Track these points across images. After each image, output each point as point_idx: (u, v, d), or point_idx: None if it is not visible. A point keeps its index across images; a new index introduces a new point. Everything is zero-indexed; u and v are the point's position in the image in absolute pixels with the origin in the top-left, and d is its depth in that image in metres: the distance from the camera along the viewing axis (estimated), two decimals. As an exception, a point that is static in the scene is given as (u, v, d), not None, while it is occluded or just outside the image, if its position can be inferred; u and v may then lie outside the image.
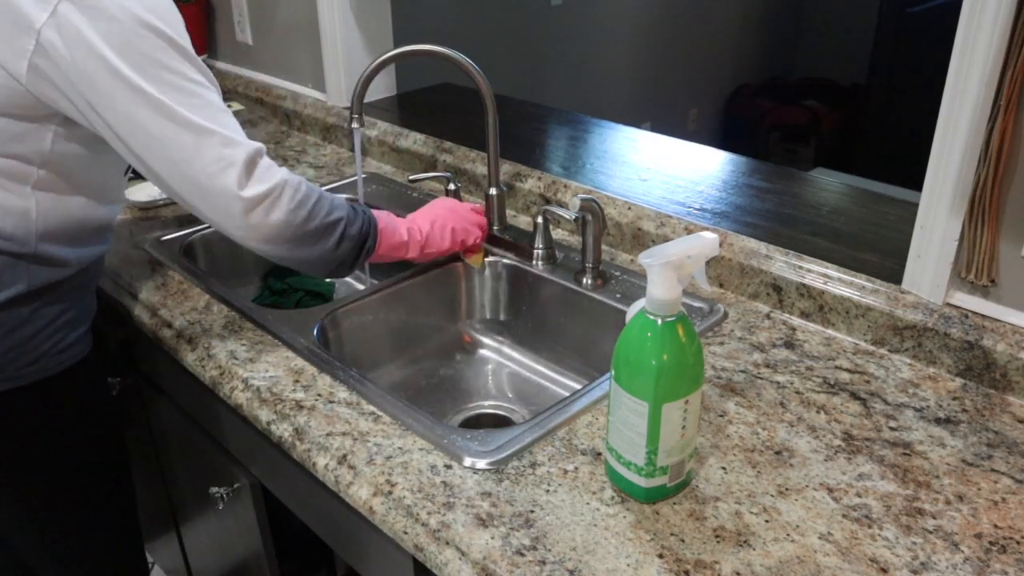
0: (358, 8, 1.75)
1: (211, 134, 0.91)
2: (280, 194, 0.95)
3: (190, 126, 0.90)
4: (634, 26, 3.77)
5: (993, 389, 0.96)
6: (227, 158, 0.91)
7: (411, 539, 0.80)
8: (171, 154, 0.91)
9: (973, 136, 0.91)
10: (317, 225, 0.99)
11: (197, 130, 0.90)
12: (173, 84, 0.89)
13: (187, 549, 1.59)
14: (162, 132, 0.90)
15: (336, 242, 1.01)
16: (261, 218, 0.94)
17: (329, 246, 1.01)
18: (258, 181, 0.94)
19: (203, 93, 0.92)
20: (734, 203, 1.29)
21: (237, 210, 0.93)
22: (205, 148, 0.91)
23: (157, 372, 1.31)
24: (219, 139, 0.91)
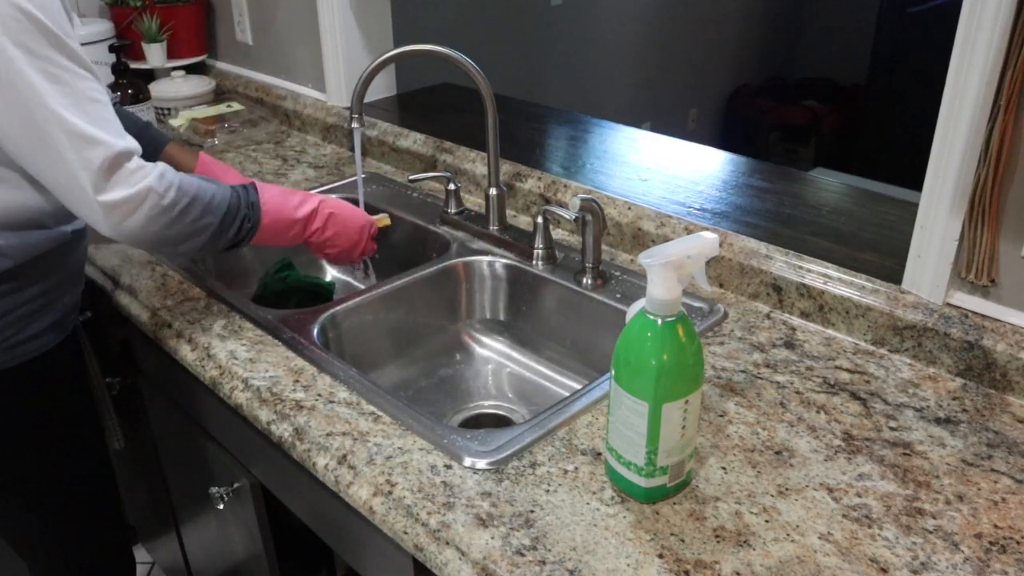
0: (358, 8, 1.75)
1: (72, 132, 0.87)
2: (142, 201, 0.92)
3: (53, 120, 0.86)
4: (634, 26, 3.77)
5: (993, 389, 0.96)
6: (85, 161, 0.88)
7: (411, 539, 0.80)
8: (33, 147, 0.88)
9: (973, 136, 0.91)
10: (181, 230, 0.98)
11: (59, 125, 0.87)
12: (44, 71, 0.86)
13: (187, 549, 1.59)
14: (23, 123, 0.86)
15: (205, 242, 1.01)
16: (118, 221, 0.92)
17: (198, 244, 1.01)
18: (117, 185, 0.91)
19: (72, 81, 0.88)
20: (734, 203, 1.29)
21: (95, 212, 0.91)
22: (65, 147, 0.87)
23: (157, 372, 1.31)
24: (80, 138, 0.88)
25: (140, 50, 1.96)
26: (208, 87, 2.00)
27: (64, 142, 0.87)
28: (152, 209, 0.94)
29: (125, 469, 1.70)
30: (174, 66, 1.98)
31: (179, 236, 0.98)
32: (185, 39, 2.02)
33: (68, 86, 0.87)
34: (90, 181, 0.89)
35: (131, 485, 1.73)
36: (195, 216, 0.98)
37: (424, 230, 1.41)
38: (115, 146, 0.90)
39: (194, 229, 0.99)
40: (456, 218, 1.38)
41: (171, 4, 1.96)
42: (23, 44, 0.85)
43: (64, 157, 0.88)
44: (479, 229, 1.34)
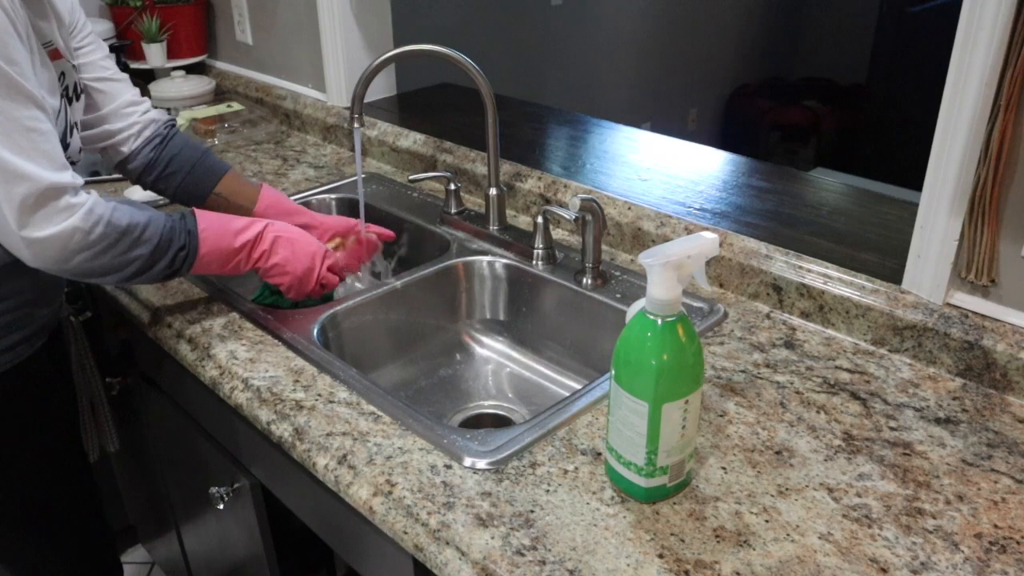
0: (358, 8, 1.75)
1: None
2: (67, 239, 0.91)
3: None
4: (634, 26, 3.78)
5: (993, 389, 0.96)
6: (8, 194, 0.87)
7: (411, 539, 0.80)
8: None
9: (973, 136, 0.91)
10: (106, 263, 0.96)
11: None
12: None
13: (187, 549, 1.59)
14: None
15: (133, 274, 0.99)
16: (39, 255, 0.91)
17: (125, 276, 0.99)
18: (42, 222, 0.89)
19: (6, 110, 0.86)
20: (734, 203, 1.29)
21: (17, 245, 0.90)
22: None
23: (157, 372, 1.31)
24: (4, 171, 0.86)
25: (140, 50, 1.96)
26: (208, 87, 2.00)
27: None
28: (77, 245, 0.92)
29: (125, 469, 1.71)
30: (174, 66, 1.98)
31: (104, 268, 0.96)
32: (185, 39, 2.02)
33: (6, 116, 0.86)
34: (12, 216, 0.88)
35: (131, 485, 1.73)
36: (122, 250, 0.97)
37: (424, 230, 1.41)
38: (42, 181, 0.88)
39: (121, 262, 0.97)
40: (456, 218, 1.38)
41: (171, 4, 1.96)
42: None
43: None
44: (479, 229, 1.34)
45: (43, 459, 1.15)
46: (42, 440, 1.15)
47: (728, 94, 4.45)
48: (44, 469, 1.16)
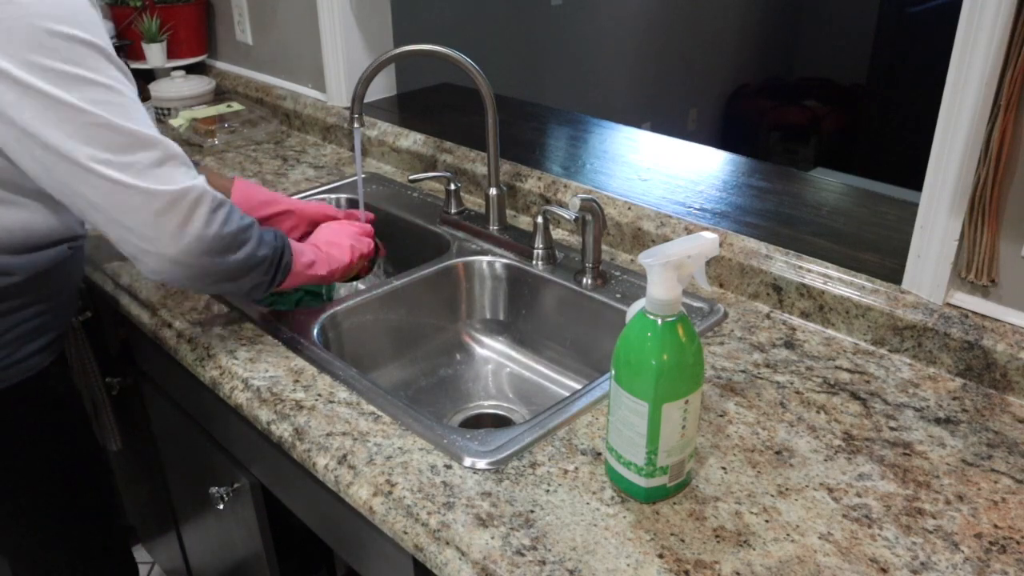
0: (358, 8, 1.75)
1: (126, 133, 0.86)
2: (200, 196, 0.90)
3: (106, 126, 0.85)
4: (634, 26, 3.78)
5: (993, 389, 0.96)
6: (143, 160, 0.86)
7: (411, 539, 0.80)
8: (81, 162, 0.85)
9: (973, 136, 0.91)
10: (237, 233, 0.94)
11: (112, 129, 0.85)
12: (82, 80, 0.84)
13: (187, 549, 1.59)
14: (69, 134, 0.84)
15: (253, 249, 0.96)
16: (172, 211, 0.88)
17: (246, 256, 0.95)
18: (176, 176, 0.88)
19: (120, 90, 0.87)
20: (734, 203, 1.29)
21: (149, 214, 0.87)
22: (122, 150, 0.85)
23: (157, 372, 1.32)
24: (135, 139, 0.86)
25: (140, 50, 1.96)
26: (208, 87, 2.00)
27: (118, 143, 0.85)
28: (206, 209, 0.90)
29: (125, 469, 1.71)
30: (174, 66, 1.98)
31: (222, 246, 0.92)
32: (185, 39, 2.02)
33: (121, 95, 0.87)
34: (148, 174, 0.86)
35: (131, 485, 1.73)
36: (236, 232, 0.94)
37: (424, 230, 1.41)
38: (171, 145, 0.89)
39: (237, 243, 0.94)
40: (456, 218, 1.38)
41: (171, 4, 1.96)
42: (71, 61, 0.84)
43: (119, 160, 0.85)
44: (479, 229, 1.34)
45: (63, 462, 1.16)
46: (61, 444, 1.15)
47: (728, 94, 4.45)
48: (64, 472, 1.16)
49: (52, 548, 1.19)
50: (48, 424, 1.12)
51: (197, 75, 2.03)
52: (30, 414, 1.08)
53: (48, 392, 1.10)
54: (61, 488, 1.16)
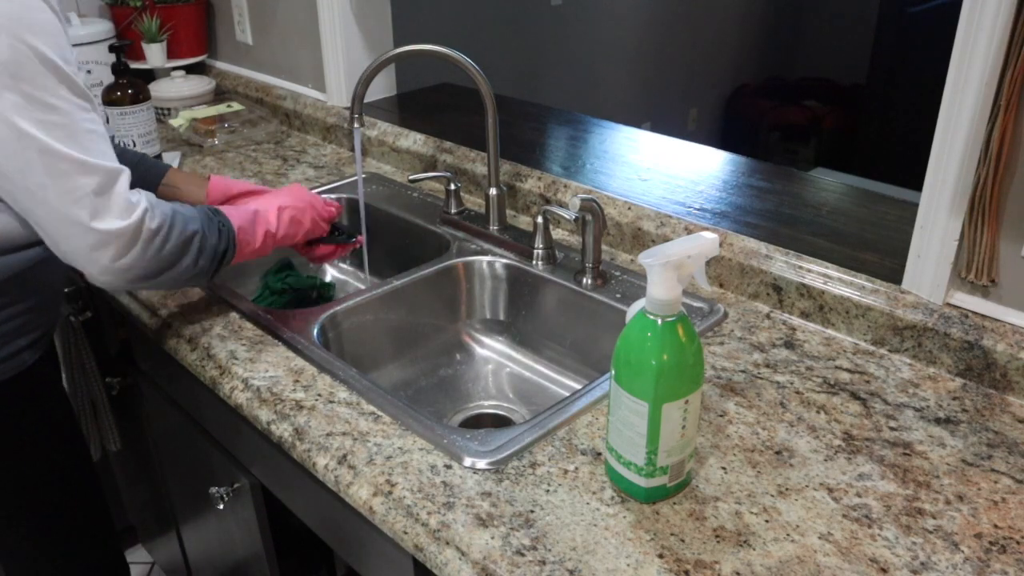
0: (358, 8, 1.75)
1: (67, 160, 0.86)
2: (139, 228, 0.91)
3: (47, 151, 0.85)
4: (634, 26, 3.78)
5: (993, 389, 0.96)
6: (81, 188, 0.87)
7: (411, 539, 0.80)
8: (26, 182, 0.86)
9: (973, 136, 0.91)
10: (165, 257, 0.95)
11: (52, 155, 0.85)
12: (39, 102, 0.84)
13: (187, 549, 1.59)
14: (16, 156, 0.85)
15: (194, 259, 0.99)
16: (107, 248, 0.90)
17: (187, 264, 0.98)
18: (116, 212, 0.89)
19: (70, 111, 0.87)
20: (734, 203, 1.29)
21: (81, 244, 0.89)
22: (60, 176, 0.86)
23: (157, 372, 1.32)
24: (75, 166, 0.86)
25: (140, 50, 1.96)
26: (208, 87, 2.00)
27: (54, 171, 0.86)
28: (145, 236, 0.92)
29: (125, 469, 1.71)
30: (174, 66, 1.98)
31: (162, 264, 0.96)
32: (185, 39, 2.02)
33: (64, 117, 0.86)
34: (85, 208, 0.87)
35: (131, 485, 1.73)
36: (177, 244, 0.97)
37: (424, 230, 1.41)
38: (114, 172, 0.90)
39: (175, 257, 0.97)
40: (456, 218, 1.38)
41: (171, 4, 1.96)
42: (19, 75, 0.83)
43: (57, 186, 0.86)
44: (479, 229, 1.34)
45: (48, 462, 1.16)
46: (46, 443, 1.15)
47: (728, 94, 4.45)
48: (49, 471, 1.16)
49: (41, 547, 1.19)
50: (34, 422, 1.12)
51: (197, 75, 2.03)
52: (15, 411, 1.08)
53: (33, 390, 1.10)
54: (48, 489, 1.16)
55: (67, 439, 1.19)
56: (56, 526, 1.19)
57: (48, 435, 1.15)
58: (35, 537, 1.17)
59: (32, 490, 1.14)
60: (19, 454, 1.11)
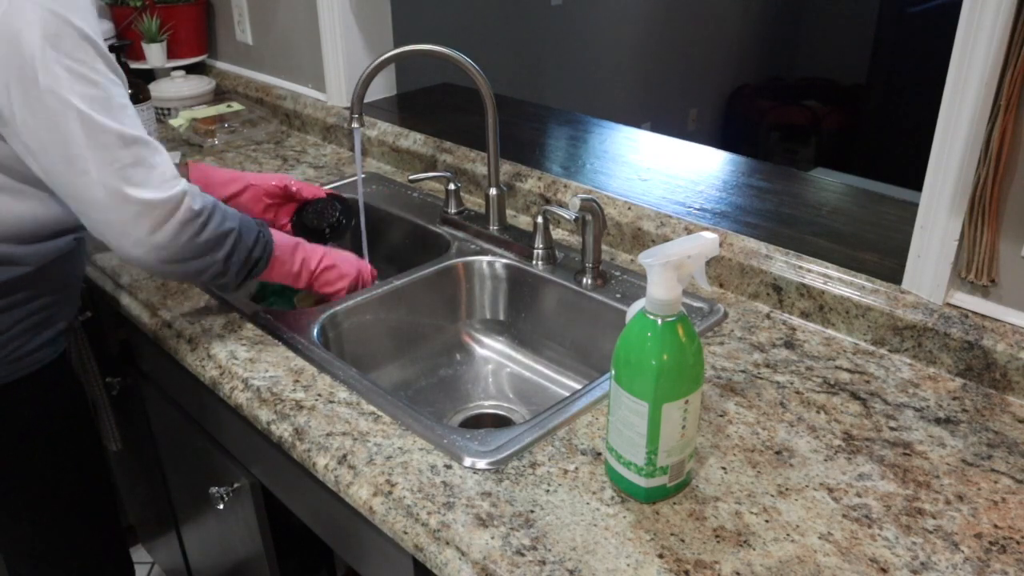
0: (358, 8, 1.75)
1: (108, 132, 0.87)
2: (179, 204, 0.92)
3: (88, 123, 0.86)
4: (634, 26, 3.78)
5: (993, 389, 0.96)
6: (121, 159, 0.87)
7: (411, 539, 0.80)
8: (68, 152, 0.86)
9: (973, 136, 0.91)
10: (202, 244, 0.95)
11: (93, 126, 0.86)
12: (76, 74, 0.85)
13: (187, 549, 1.59)
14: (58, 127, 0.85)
15: (226, 257, 0.99)
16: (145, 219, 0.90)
17: (218, 259, 0.98)
18: (154, 184, 0.90)
19: (107, 85, 0.88)
20: (734, 203, 1.29)
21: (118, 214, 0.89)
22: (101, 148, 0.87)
23: (157, 372, 1.31)
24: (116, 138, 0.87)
25: (140, 50, 1.96)
26: (208, 87, 2.00)
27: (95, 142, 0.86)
28: (183, 215, 0.92)
29: (125, 469, 1.71)
30: (174, 66, 1.98)
31: (196, 250, 0.95)
32: (185, 39, 2.02)
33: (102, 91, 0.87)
34: (121, 177, 0.87)
35: (131, 485, 1.73)
36: (218, 223, 0.97)
37: (424, 230, 1.41)
38: (151, 143, 0.91)
39: (211, 246, 0.97)
40: (456, 218, 1.38)
41: (171, 4, 1.96)
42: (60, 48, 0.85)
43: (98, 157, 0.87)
44: (479, 229, 1.34)
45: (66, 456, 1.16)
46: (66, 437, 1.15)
47: (728, 94, 4.45)
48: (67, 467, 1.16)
49: (50, 545, 1.19)
50: (55, 417, 1.12)
51: (197, 75, 2.03)
52: (39, 406, 1.09)
53: (56, 385, 1.11)
54: (64, 482, 1.17)
55: (84, 434, 1.20)
56: (69, 521, 1.19)
57: (68, 429, 1.16)
58: (49, 531, 1.18)
59: (50, 484, 1.15)
60: (39, 448, 1.11)
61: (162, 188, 0.90)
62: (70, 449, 1.16)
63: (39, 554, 1.19)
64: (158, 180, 0.90)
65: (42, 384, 1.07)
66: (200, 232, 0.94)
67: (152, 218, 0.90)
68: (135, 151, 0.89)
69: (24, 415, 1.07)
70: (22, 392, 1.05)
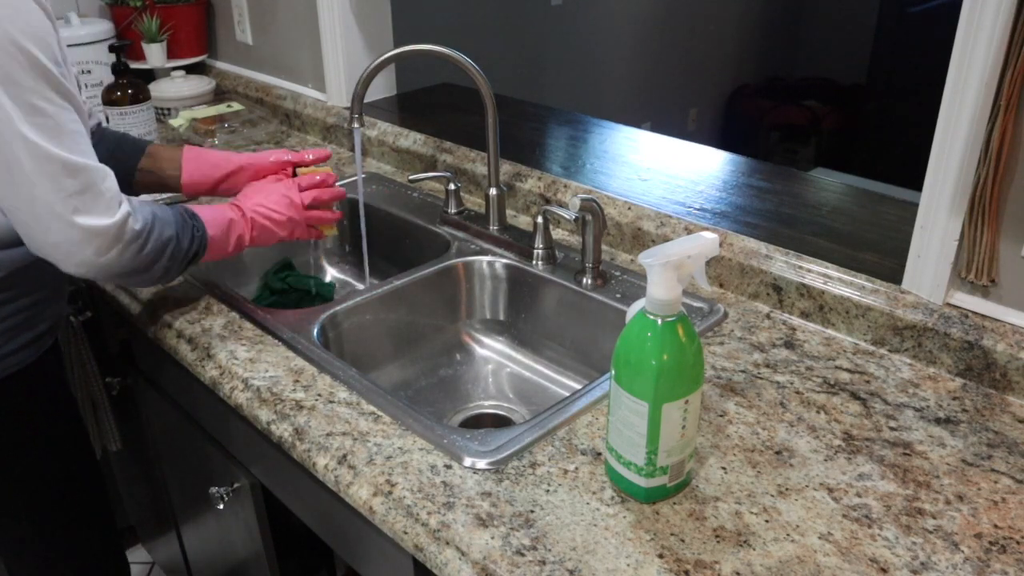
0: (358, 8, 1.75)
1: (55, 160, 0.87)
2: (121, 227, 0.93)
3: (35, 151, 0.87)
4: (634, 26, 3.77)
5: (993, 389, 0.96)
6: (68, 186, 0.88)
7: (411, 539, 0.80)
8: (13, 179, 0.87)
9: (973, 136, 0.91)
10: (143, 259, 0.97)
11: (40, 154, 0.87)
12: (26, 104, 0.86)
13: (187, 549, 1.59)
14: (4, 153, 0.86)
15: (167, 264, 1.01)
16: (87, 245, 0.91)
17: (159, 267, 1.00)
18: (97, 211, 0.91)
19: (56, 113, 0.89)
20: (734, 203, 1.29)
21: (58, 240, 0.90)
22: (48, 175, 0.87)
23: (157, 372, 1.31)
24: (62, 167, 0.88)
25: (140, 50, 1.96)
26: (208, 87, 2.00)
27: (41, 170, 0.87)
28: (127, 236, 0.94)
29: (125, 469, 1.71)
30: (174, 66, 1.98)
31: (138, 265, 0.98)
32: (185, 39, 2.02)
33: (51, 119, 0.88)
34: (67, 206, 0.89)
35: (131, 485, 1.73)
36: (155, 246, 0.99)
37: (424, 230, 1.41)
38: (99, 171, 0.92)
39: (151, 259, 0.99)
40: (456, 218, 1.38)
41: (171, 4, 1.96)
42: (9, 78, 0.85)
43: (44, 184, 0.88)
44: (479, 229, 1.34)
45: (51, 458, 1.16)
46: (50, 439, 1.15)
47: (728, 94, 4.45)
48: (52, 467, 1.16)
49: (44, 544, 1.19)
50: (38, 417, 1.12)
51: (197, 75, 2.03)
52: (20, 407, 1.09)
53: (38, 386, 1.11)
54: (51, 482, 1.16)
55: (71, 434, 1.20)
56: (58, 521, 1.19)
57: (52, 430, 1.15)
58: (37, 532, 1.18)
59: (35, 485, 1.15)
60: (23, 449, 1.11)
61: (107, 214, 0.92)
62: (55, 451, 1.16)
63: (32, 555, 1.19)
64: (103, 207, 0.92)
65: (24, 386, 1.07)
66: (142, 248, 0.97)
67: (97, 244, 0.92)
68: (83, 179, 0.90)
69: (6, 416, 1.07)
70: (3, 393, 1.05)
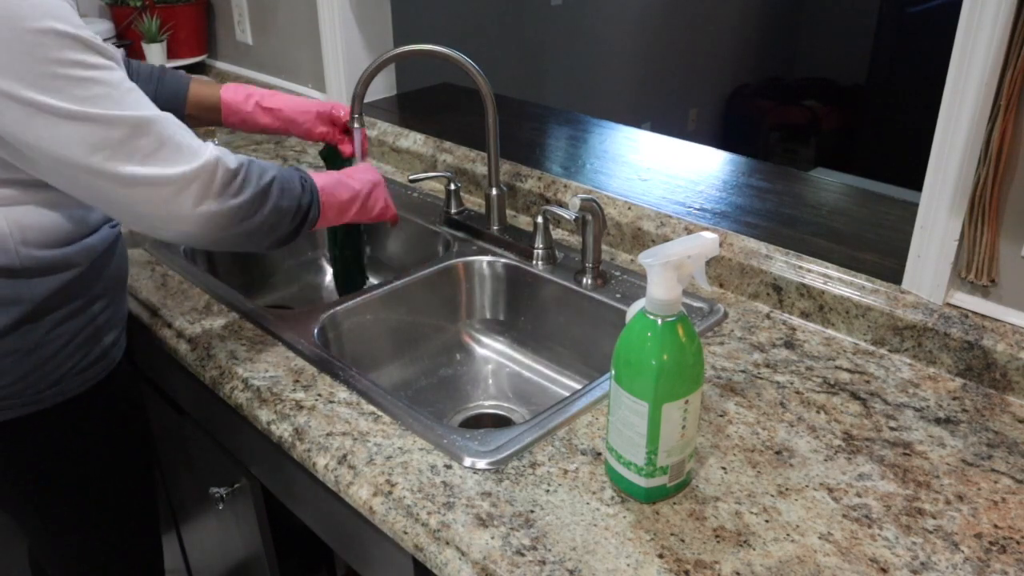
0: (358, 8, 1.75)
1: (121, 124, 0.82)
2: (215, 167, 0.87)
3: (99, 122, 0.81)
4: (634, 26, 3.78)
5: (993, 389, 0.96)
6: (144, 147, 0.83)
7: (411, 539, 0.80)
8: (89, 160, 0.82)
9: (973, 136, 0.91)
10: (249, 197, 0.91)
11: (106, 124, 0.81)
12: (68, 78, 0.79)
13: (187, 549, 1.59)
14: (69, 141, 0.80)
15: (274, 209, 0.94)
16: (189, 205, 0.86)
17: (268, 214, 0.94)
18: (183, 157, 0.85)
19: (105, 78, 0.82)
20: (734, 203, 1.29)
21: (169, 196, 0.85)
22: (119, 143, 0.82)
23: (157, 372, 1.31)
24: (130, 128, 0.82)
25: (140, 50, 1.96)
26: (208, 87, 2.00)
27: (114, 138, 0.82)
28: (223, 176, 0.88)
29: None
30: (174, 66, 1.98)
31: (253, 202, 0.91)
32: (185, 39, 2.02)
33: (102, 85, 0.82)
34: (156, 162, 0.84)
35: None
36: (257, 175, 0.92)
37: (424, 230, 1.41)
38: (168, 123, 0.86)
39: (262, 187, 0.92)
40: (456, 218, 1.38)
41: (171, 4, 1.96)
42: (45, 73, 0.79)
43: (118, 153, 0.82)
44: (479, 229, 1.34)
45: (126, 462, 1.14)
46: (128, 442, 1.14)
47: (728, 94, 4.45)
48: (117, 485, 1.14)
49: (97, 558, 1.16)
50: (120, 427, 1.10)
51: (197, 75, 2.03)
52: (104, 417, 1.06)
53: (119, 392, 1.09)
54: (114, 496, 1.13)
55: (144, 440, 1.18)
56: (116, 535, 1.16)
57: (127, 441, 1.13)
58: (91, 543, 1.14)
59: (99, 499, 1.12)
60: (105, 456, 1.09)
61: (193, 158, 0.86)
62: (125, 464, 1.13)
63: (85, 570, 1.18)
64: (187, 152, 0.86)
65: (100, 397, 1.03)
66: (242, 189, 0.90)
67: (193, 191, 0.86)
68: (155, 132, 0.84)
69: (82, 431, 1.04)
70: (81, 407, 1.01)
